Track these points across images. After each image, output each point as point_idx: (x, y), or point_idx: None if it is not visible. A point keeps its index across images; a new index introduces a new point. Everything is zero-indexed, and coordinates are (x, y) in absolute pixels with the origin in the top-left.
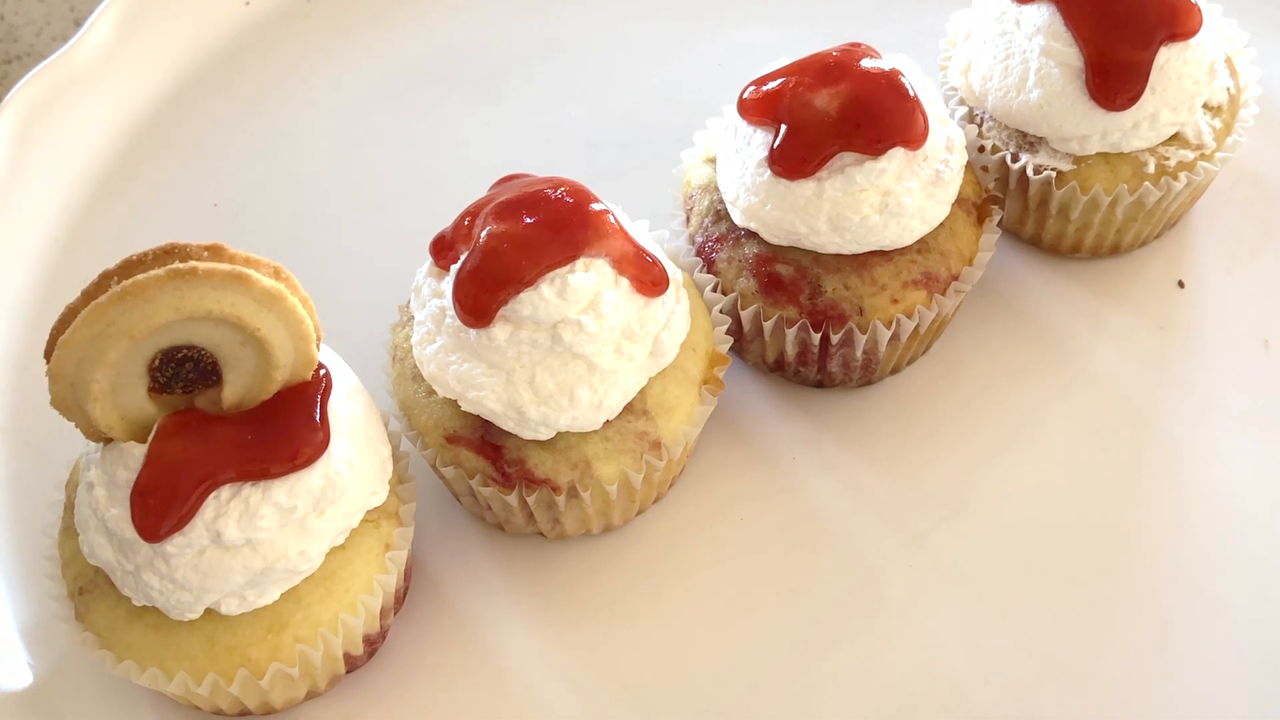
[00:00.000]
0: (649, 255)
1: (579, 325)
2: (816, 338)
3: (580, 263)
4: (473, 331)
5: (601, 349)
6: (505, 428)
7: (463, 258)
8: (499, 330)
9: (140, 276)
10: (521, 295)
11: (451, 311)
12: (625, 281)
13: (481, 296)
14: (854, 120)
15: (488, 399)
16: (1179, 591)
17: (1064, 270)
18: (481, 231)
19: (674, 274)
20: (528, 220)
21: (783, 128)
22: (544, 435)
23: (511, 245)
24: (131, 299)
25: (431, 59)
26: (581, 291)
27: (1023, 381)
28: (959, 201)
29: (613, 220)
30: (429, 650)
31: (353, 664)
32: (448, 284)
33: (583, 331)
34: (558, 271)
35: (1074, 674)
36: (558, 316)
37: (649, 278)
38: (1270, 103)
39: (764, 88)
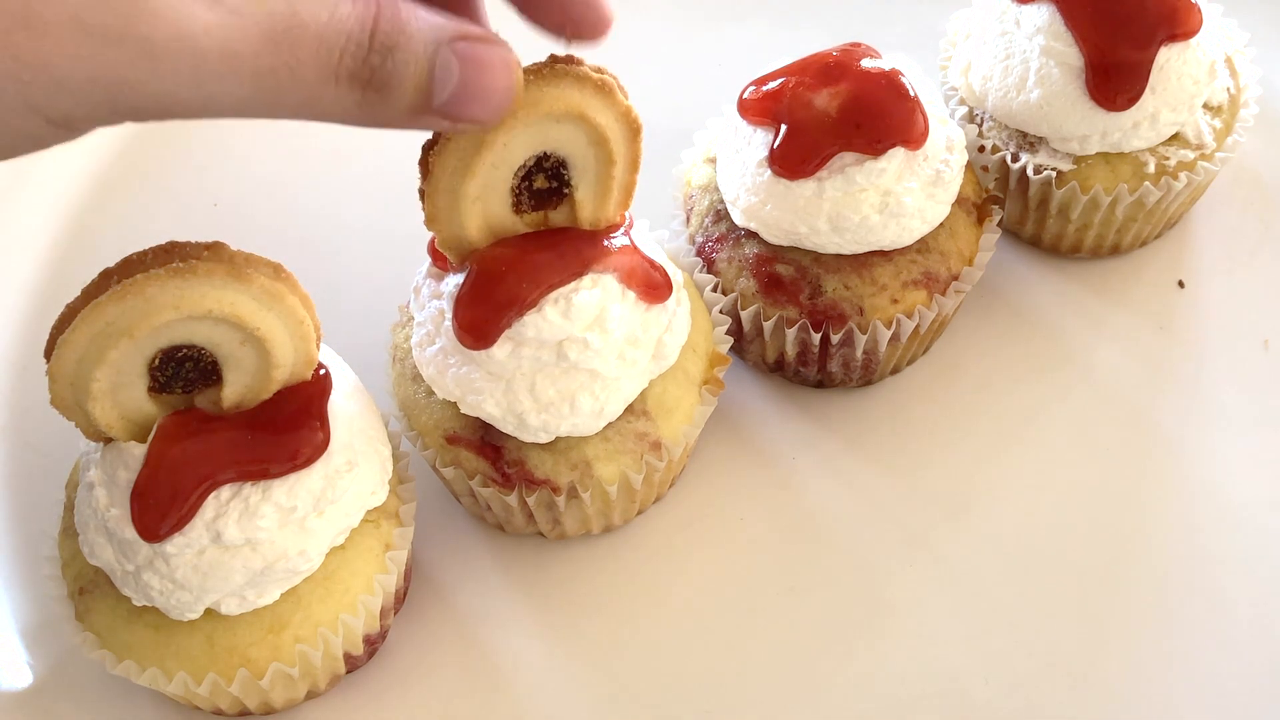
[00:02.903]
0: (655, 264)
1: (584, 343)
2: (816, 338)
3: (587, 279)
4: None
5: (606, 360)
6: (505, 431)
7: (462, 277)
8: (500, 349)
9: (140, 275)
10: (525, 318)
11: (450, 314)
12: (631, 294)
13: (484, 324)
14: (854, 120)
15: (487, 403)
16: (1179, 591)
17: (1064, 270)
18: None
19: (675, 276)
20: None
21: (783, 128)
22: (544, 439)
23: (511, 266)
24: (131, 298)
25: None
26: (587, 310)
27: (1023, 381)
28: (959, 201)
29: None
30: (429, 650)
31: (353, 664)
32: (447, 286)
33: (588, 349)
34: (561, 291)
35: (1074, 674)
36: (562, 335)
37: (654, 286)
38: (1270, 103)
39: (764, 88)
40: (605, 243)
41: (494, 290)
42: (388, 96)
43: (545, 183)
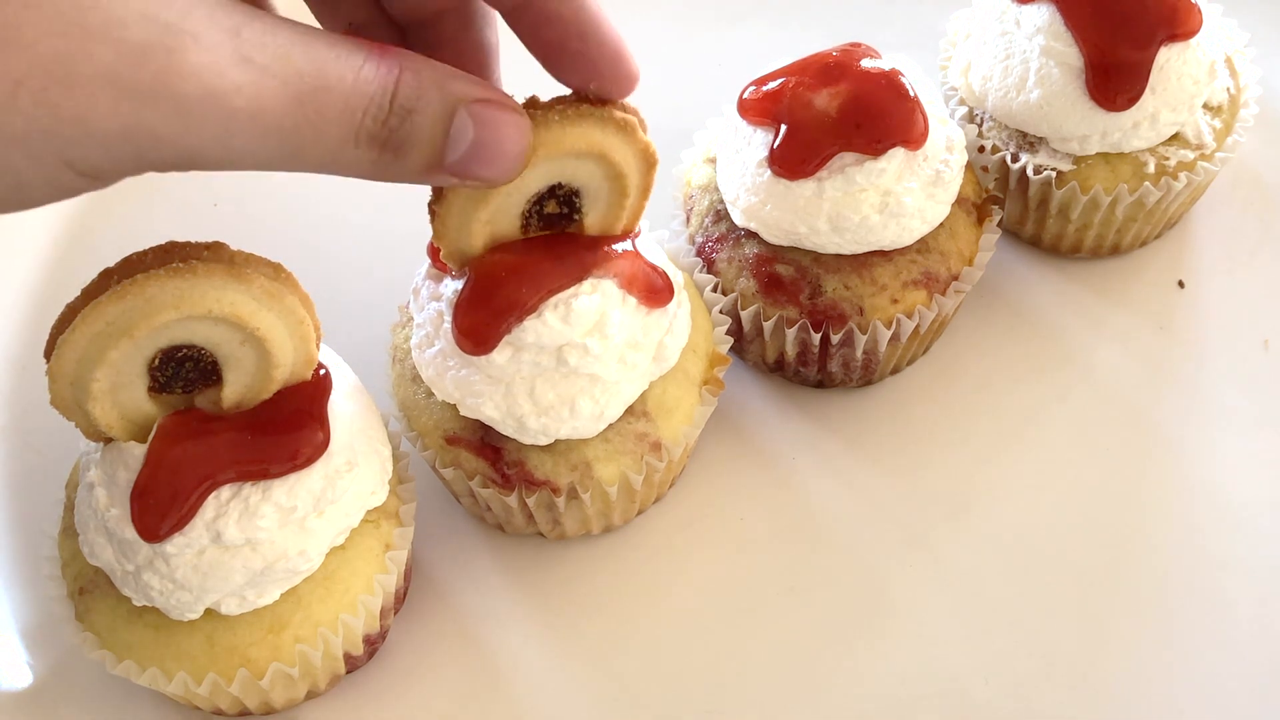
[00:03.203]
0: (656, 269)
1: (584, 349)
2: (816, 338)
3: (587, 284)
4: None
5: (606, 365)
6: (504, 433)
7: (461, 282)
8: (499, 354)
9: (140, 275)
10: (525, 323)
11: (450, 317)
12: (632, 299)
13: (484, 330)
14: (854, 120)
15: (486, 406)
16: (1179, 591)
17: (1064, 270)
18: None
19: (676, 277)
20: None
21: (783, 128)
22: (543, 442)
23: (511, 271)
24: (131, 298)
25: None
26: (587, 315)
27: (1023, 381)
28: (959, 201)
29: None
30: (429, 650)
31: (353, 664)
32: (446, 288)
33: (588, 354)
34: (561, 296)
35: (1074, 674)
36: (562, 340)
37: (656, 291)
38: (1270, 103)
39: (764, 88)
40: (606, 248)
41: (493, 295)
42: (402, 158)
43: (557, 209)
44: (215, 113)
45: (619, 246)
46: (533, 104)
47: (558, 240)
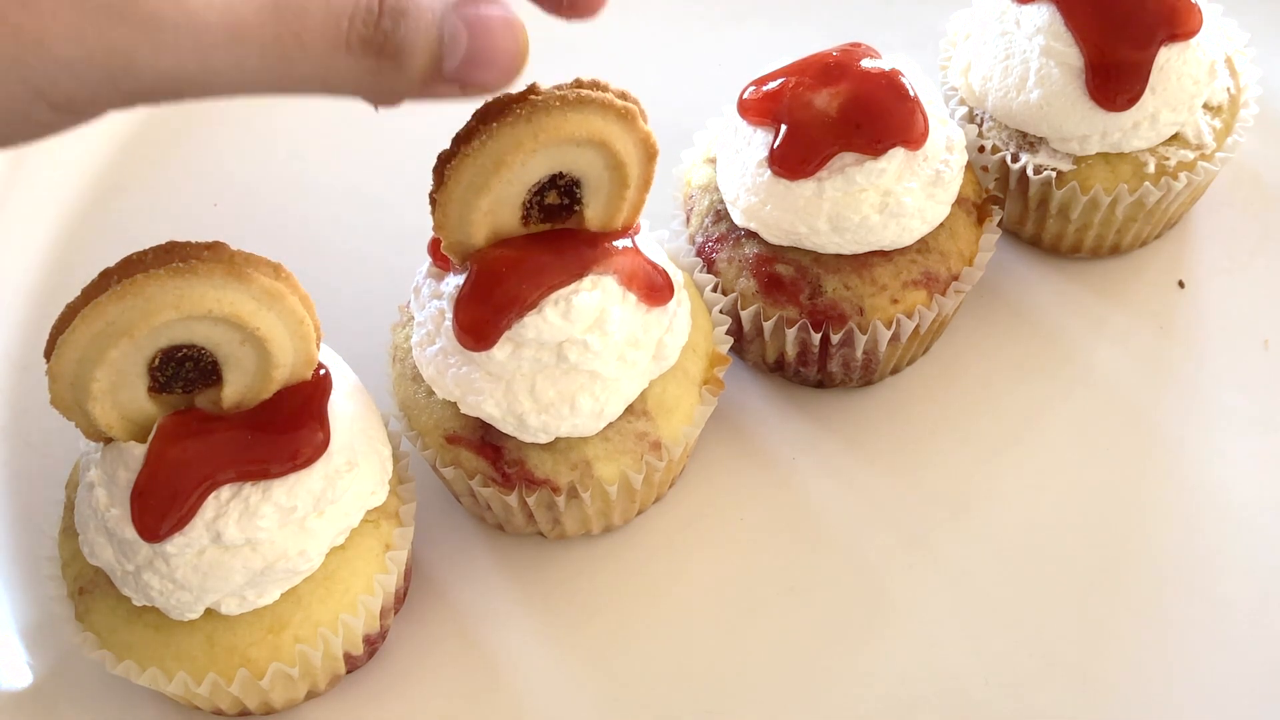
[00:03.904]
0: (656, 266)
1: (584, 345)
2: (816, 338)
3: (587, 280)
4: None
5: (606, 362)
6: (505, 431)
7: (462, 278)
8: (500, 350)
9: (140, 275)
10: (525, 319)
11: (451, 314)
12: (632, 296)
13: (484, 326)
14: (854, 120)
15: (486, 404)
16: (1179, 591)
17: (1064, 270)
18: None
19: (676, 277)
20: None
21: (783, 128)
22: (543, 440)
23: (511, 267)
24: (131, 297)
25: None
26: (587, 311)
27: (1023, 382)
28: (959, 201)
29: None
30: (429, 650)
31: (353, 664)
32: (447, 286)
33: (588, 350)
34: (561, 292)
35: (1074, 674)
36: (562, 337)
37: (656, 289)
38: (1270, 103)
39: (764, 88)
40: (607, 244)
41: (494, 291)
42: (401, 64)
43: (557, 199)
44: (187, 28)
45: (620, 244)
46: (533, 90)
47: (558, 236)
